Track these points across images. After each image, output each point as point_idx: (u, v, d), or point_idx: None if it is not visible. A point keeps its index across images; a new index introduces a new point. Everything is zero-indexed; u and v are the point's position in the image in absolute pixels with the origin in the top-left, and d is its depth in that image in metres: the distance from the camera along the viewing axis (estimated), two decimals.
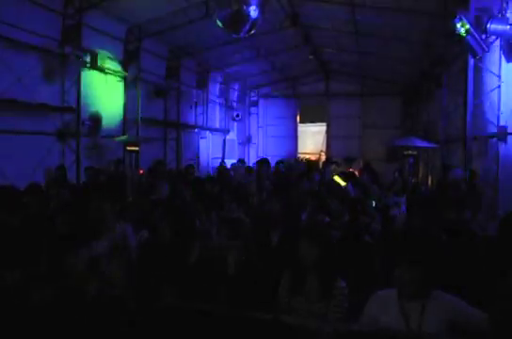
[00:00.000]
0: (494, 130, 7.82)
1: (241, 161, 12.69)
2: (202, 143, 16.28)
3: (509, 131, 7.42)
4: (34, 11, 8.23)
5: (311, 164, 15.29)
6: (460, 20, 6.47)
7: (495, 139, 7.83)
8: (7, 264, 3.72)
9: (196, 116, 15.76)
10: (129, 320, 3.31)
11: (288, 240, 3.80)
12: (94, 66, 9.78)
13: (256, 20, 6.90)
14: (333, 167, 11.31)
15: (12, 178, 6.73)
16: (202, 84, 15.60)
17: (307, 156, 21.39)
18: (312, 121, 21.56)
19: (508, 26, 6.56)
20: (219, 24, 7.13)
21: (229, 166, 13.14)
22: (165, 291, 3.49)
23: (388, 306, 2.65)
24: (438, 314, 2.52)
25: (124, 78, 11.39)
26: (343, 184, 6.62)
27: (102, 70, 10.22)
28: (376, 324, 2.65)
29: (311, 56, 16.33)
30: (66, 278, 3.63)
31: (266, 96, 21.76)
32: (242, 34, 7.24)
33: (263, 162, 9.07)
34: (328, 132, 21.03)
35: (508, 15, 6.98)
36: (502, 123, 7.60)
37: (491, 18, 6.61)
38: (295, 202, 5.47)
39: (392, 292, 2.66)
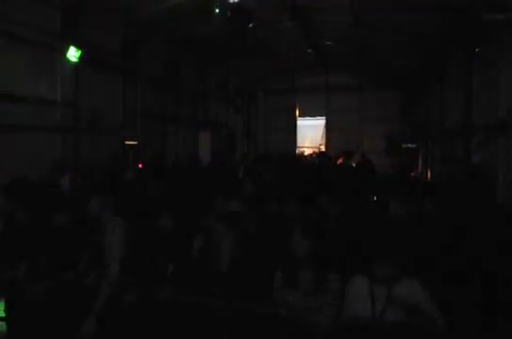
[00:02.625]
0: (494, 122, 7.82)
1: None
2: (202, 137, 16.23)
3: (509, 123, 7.41)
4: (32, 5, 8.17)
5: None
6: None
7: (495, 131, 7.83)
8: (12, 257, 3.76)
9: (195, 109, 15.72)
10: (126, 312, 3.33)
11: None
12: (93, 60, 9.73)
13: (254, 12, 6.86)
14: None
15: (11, 173, 6.71)
16: (202, 77, 15.53)
17: (306, 150, 21.43)
18: (311, 114, 21.52)
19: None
20: (219, 16, 7.09)
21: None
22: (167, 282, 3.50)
23: (360, 290, 2.85)
24: (402, 299, 2.70)
25: (123, 72, 11.33)
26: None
27: (101, 64, 10.16)
28: (352, 308, 2.84)
29: (309, 50, 16.27)
30: (65, 271, 3.65)
31: (265, 90, 21.70)
32: (241, 26, 7.20)
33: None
34: (327, 125, 21.02)
35: None
36: (501, 115, 7.59)
37: None
38: None
39: (364, 276, 2.87)
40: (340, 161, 13.61)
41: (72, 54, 8.98)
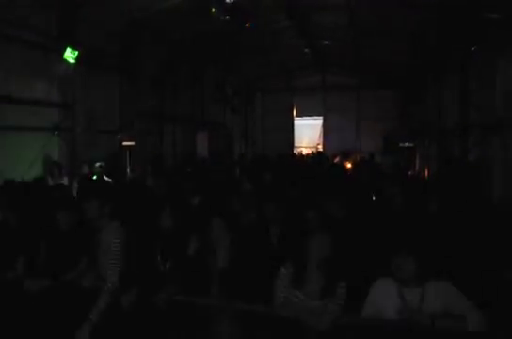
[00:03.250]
0: (492, 121, 7.84)
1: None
2: (199, 138, 16.23)
3: (506, 122, 7.44)
4: (29, 6, 8.14)
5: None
6: None
7: (492, 130, 7.85)
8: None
9: (192, 110, 15.70)
10: (124, 313, 3.31)
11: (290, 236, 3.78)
12: (90, 61, 9.70)
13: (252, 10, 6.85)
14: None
15: (8, 174, 6.70)
16: (199, 77, 15.51)
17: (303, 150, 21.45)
18: (309, 114, 21.53)
19: None
20: (216, 15, 7.08)
21: None
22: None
23: (388, 293, 2.76)
24: (435, 299, 2.64)
25: (121, 72, 11.31)
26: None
27: (98, 64, 10.14)
28: (379, 312, 2.76)
29: (306, 49, 16.28)
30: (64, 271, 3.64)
31: (263, 90, 21.70)
32: (238, 25, 7.20)
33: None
34: (324, 125, 21.03)
35: None
36: (499, 114, 7.62)
37: None
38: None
39: (392, 279, 2.77)
40: (336, 160, 13.65)
41: (69, 55, 8.95)
